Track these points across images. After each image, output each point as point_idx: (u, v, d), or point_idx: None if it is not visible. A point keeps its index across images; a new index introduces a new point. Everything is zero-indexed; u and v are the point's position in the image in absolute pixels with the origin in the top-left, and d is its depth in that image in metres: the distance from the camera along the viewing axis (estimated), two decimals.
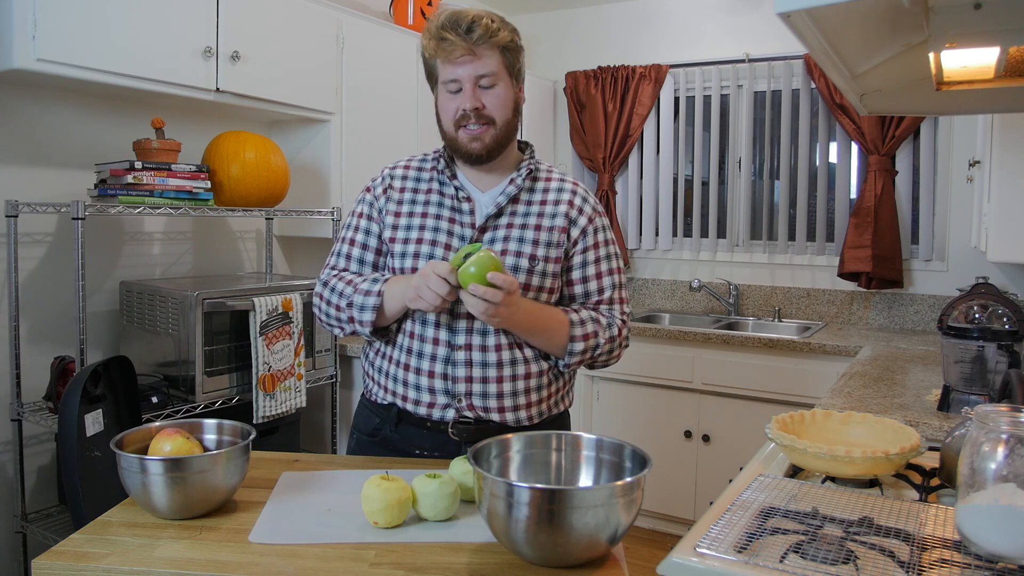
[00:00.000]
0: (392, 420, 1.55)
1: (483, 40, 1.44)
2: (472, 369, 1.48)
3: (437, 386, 1.49)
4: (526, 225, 1.51)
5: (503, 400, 1.49)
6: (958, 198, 3.42)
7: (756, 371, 3.22)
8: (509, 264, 1.48)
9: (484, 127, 1.48)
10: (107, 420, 2.05)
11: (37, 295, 2.31)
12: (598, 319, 1.53)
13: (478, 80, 1.46)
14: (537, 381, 1.52)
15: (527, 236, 1.50)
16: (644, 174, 4.11)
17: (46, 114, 2.32)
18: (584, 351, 1.50)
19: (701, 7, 3.95)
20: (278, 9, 2.61)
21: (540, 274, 1.50)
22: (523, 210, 1.53)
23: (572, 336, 1.48)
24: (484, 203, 1.54)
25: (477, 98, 1.46)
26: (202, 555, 1.11)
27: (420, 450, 1.54)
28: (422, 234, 1.52)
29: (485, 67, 1.46)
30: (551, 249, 1.51)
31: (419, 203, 1.55)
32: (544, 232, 1.51)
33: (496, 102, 1.48)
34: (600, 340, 1.51)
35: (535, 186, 1.57)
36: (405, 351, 1.52)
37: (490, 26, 1.46)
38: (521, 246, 1.49)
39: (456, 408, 1.49)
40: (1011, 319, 1.79)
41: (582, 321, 1.50)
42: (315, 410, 3.03)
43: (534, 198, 1.55)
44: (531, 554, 1.06)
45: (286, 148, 2.90)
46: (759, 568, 1.00)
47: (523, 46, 1.55)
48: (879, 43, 1.42)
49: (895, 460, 1.28)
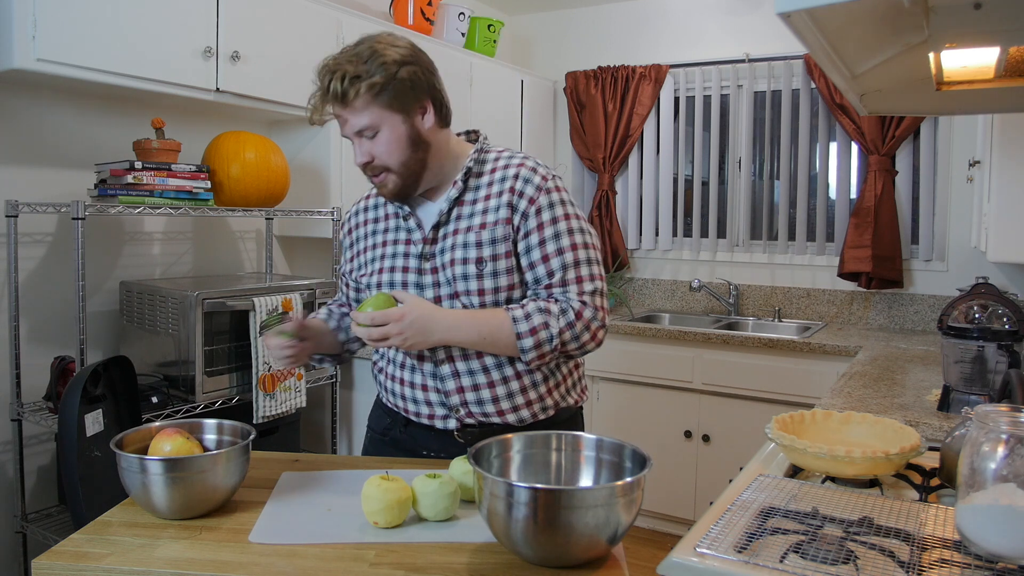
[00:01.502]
0: (400, 422, 1.57)
1: (353, 97, 1.37)
2: (461, 379, 1.47)
3: (432, 399, 1.50)
4: (471, 227, 1.45)
5: (500, 404, 1.48)
6: (958, 198, 3.42)
7: (756, 371, 3.21)
8: (458, 273, 1.44)
9: (383, 175, 1.44)
10: (107, 420, 2.05)
11: (37, 295, 2.31)
12: (547, 308, 1.41)
13: (361, 133, 1.41)
14: (531, 379, 1.48)
15: (471, 240, 1.44)
16: (644, 174, 4.11)
17: (46, 114, 2.32)
18: (538, 345, 1.40)
19: (701, 7, 3.95)
20: (278, 9, 2.61)
21: (491, 275, 1.44)
22: (468, 211, 1.47)
23: (517, 334, 1.40)
24: (432, 213, 1.51)
25: (364, 152, 1.42)
26: (202, 555, 1.11)
27: (427, 451, 1.55)
28: (382, 263, 1.53)
29: (359, 121, 1.40)
30: (498, 246, 1.44)
31: (379, 232, 1.56)
32: (488, 230, 1.44)
33: (383, 149, 1.41)
34: (552, 331, 1.40)
35: (480, 182, 1.49)
36: (399, 366, 1.54)
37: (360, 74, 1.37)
38: (467, 252, 1.44)
39: (456, 417, 1.49)
40: (1011, 319, 1.79)
41: (527, 315, 1.40)
42: (315, 410, 3.03)
43: (479, 195, 1.48)
44: (531, 554, 1.06)
45: (286, 148, 2.90)
46: (759, 568, 1.00)
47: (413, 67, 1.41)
48: (879, 43, 1.42)
49: (895, 460, 1.28)
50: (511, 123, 3.97)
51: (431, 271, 1.47)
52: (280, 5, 2.62)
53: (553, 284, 1.44)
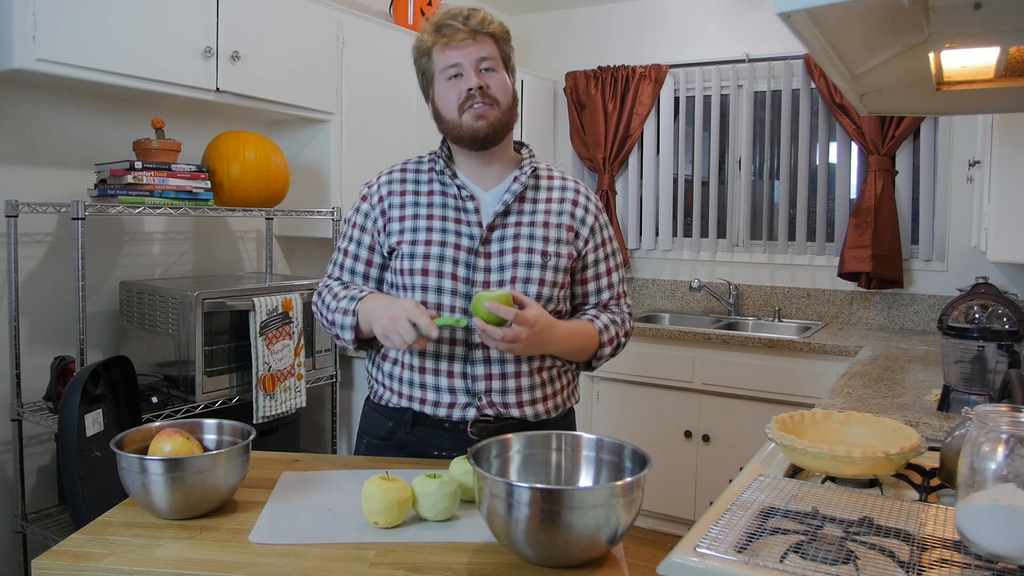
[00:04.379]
0: (407, 423, 1.54)
1: (481, 27, 1.50)
2: (491, 367, 1.49)
3: (457, 386, 1.49)
4: (534, 223, 1.54)
5: (522, 395, 1.51)
6: (958, 198, 3.42)
7: (756, 371, 3.21)
8: (521, 260, 1.50)
9: (489, 106, 1.49)
10: (107, 420, 2.05)
11: (37, 295, 2.31)
12: (616, 320, 1.61)
13: (479, 63, 1.49)
14: (549, 373, 1.55)
15: (537, 233, 1.53)
16: (644, 174, 4.11)
17: (46, 114, 2.32)
18: (611, 354, 1.62)
19: (701, 7, 3.95)
20: (278, 9, 2.61)
21: (553, 269, 1.52)
22: (530, 208, 1.55)
23: (601, 343, 1.57)
24: (488, 202, 1.55)
25: (481, 78, 1.49)
26: (202, 555, 1.11)
27: (438, 451, 1.53)
28: (430, 235, 1.51)
29: (486, 51, 1.50)
30: (561, 246, 1.54)
31: (423, 204, 1.55)
32: (552, 229, 1.54)
33: (499, 85, 1.51)
34: (621, 340, 1.62)
35: (539, 184, 1.59)
36: (419, 354, 1.52)
37: (487, 17, 1.52)
38: (532, 243, 1.52)
39: (477, 407, 1.49)
40: (1011, 319, 1.79)
41: (606, 327, 1.58)
42: (315, 410, 3.03)
43: (539, 196, 1.58)
44: (531, 554, 1.06)
45: (286, 148, 2.90)
46: (759, 568, 1.00)
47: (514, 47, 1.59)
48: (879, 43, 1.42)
49: (895, 460, 1.28)
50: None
51: (484, 255, 1.50)
52: (280, 5, 2.62)
53: (613, 296, 1.64)
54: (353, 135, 2.98)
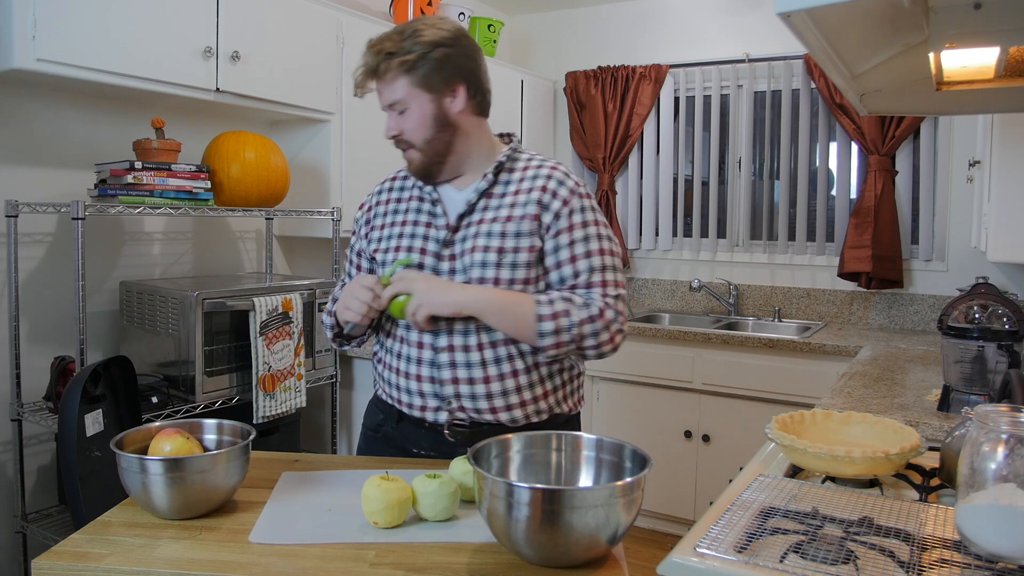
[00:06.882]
0: (393, 418, 1.57)
1: (384, 71, 1.45)
2: (457, 371, 1.47)
3: (426, 389, 1.50)
4: (496, 218, 1.48)
5: (493, 400, 1.47)
6: (958, 198, 3.42)
7: (756, 371, 3.21)
8: (477, 260, 1.46)
9: (409, 151, 1.51)
10: (107, 420, 2.05)
11: (37, 295, 2.31)
12: (571, 299, 1.43)
13: (391, 108, 1.48)
14: (527, 379, 1.48)
15: (495, 230, 1.47)
16: (644, 174, 4.11)
17: (46, 114, 2.32)
18: (556, 331, 1.40)
19: (701, 7, 3.95)
20: (278, 9, 2.61)
21: (510, 267, 1.45)
22: (495, 203, 1.50)
23: (539, 315, 1.40)
24: (458, 202, 1.53)
25: (394, 126, 1.49)
26: (202, 555, 1.11)
27: (418, 449, 1.55)
28: (400, 241, 1.55)
29: (393, 93, 1.46)
30: (521, 239, 1.46)
31: (400, 212, 1.59)
32: (513, 223, 1.47)
33: (412, 124, 1.47)
34: (573, 319, 1.41)
35: (511, 177, 1.52)
36: (395, 355, 1.54)
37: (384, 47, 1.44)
38: (489, 240, 1.46)
39: (448, 411, 1.49)
40: (1011, 319, 1.79)
41: (551, 300, 1.42)
42: (315, 410, 3.03)
43: (508, 189, 1.51)
44: (531, 554, 1.06)
45: (286, 148, 2.90)
46: (759, 568, 1.00)
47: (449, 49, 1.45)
48: (879, 43, 1.42)
49: (895, 460, 1.28)
50: (511, 123, 3.97)
51: (449, 258, 1.49)
52: (280, 5, 2.62)
53: (578, 284, 1.47)
54: (353, 135, 2.98)
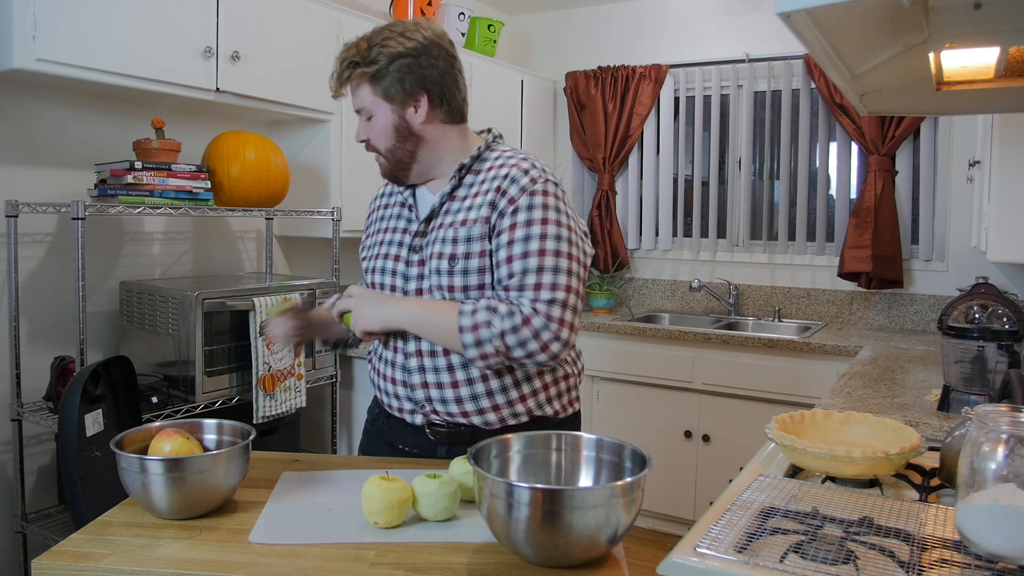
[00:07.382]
0: (384, 414, 1.60)
1: (347, 79, 1.47)
2: (426, 375, 1.47)
3: (400, 392, 1.51)
4: (453, 223, 1.44)
5: (464, 404, 1.45)
6: (958, 198, 3.42)
7: (756, 371, 3.21)
8: (434, 267, 1.44)
9: (377, 155, 1.53)
10: (107, 420, 2.05)
11: (37, 295, 2.31)
12: (495, 308, 1.35)
13: (359, 113, 1.51)
14: (499, 383, 1.44)
15: (448, 236, 1.43)
16: (644, 174, 4.11)
17: (46, 114, 2.32)
18: (478, 343, 1.35)
19: (701, 7, 3.95)
20: (278, 9, 2.61)
21: (462, 273, 1.41)
22: (456, 207, 1.46)
23: (460, 327, 1.36)
24: (429, 205, 1.52)
25: (362, 131, 1.52)
26: (202, 555, 1.11)
27: (403, 445, 1.57)
28: (379, 248, 1.56)
29: (359, 100, 1.48)
30: (472, 244, 1.41)
31: (386, 219, 1.60)
32: (466, 227, 1.42)
33: (377, 131, 1.49)
34: (494, 330, 1.33)
35: (475, 179, 1.47)
36: (378, 357, 1.57)
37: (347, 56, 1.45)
38: (443, 247, 1.43)
39: (422, 413, 1.50)
40: (1011, 319, 1.79)
41: (474, 311, 1.36)
42: (315, 410, 3.03)
43: (470, 192, 1.46)
44: (531, 554, 1.06)
45: (286, 148, 2.90)
46: (759, 568, 1.00)
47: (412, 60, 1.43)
48: (879, 43, 1.42)
49: (895, 460, 1.28)
50: (511, 123, 3.97)
51: (418, 263, 1.49)
52: (280, 5, 2.62)
53: (510, 287, 1.38)
54: (353, 135, 2.97)
